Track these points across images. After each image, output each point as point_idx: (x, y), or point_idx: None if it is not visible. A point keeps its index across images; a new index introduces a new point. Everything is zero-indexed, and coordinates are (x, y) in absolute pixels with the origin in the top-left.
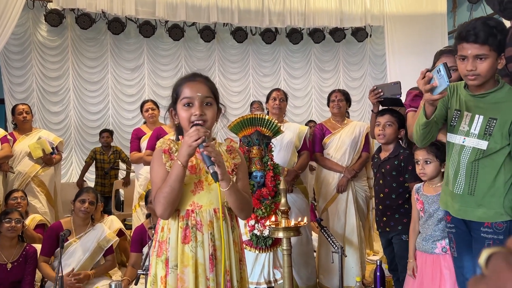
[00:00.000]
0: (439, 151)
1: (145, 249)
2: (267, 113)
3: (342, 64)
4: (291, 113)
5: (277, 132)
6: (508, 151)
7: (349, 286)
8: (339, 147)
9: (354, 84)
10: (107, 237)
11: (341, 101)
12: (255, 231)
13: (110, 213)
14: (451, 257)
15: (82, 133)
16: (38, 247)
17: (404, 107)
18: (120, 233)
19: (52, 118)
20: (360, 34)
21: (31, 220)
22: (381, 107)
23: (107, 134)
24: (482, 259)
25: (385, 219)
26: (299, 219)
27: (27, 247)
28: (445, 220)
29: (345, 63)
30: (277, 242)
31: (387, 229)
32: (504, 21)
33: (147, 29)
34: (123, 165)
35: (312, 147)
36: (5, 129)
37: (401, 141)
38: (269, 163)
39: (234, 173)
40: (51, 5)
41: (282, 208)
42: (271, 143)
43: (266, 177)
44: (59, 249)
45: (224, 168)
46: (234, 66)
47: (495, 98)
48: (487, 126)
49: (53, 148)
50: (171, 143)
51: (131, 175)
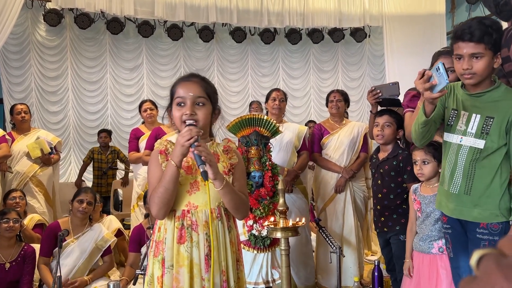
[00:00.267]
0: (436, 151)
1: (143, 249)
2: (266, 113)
3: (341, 64)
4: (290, 113)
5: (275, 132)
6: (505, 152)
7: (347, 286)
8: (338, 147)
9: (353, 84)
10: (104, 237)
11: (339, 102)
12: (253, 231)
13: (108, 213)
14: (447, 257)
15: (80, 132)
16: (37, 246)
17: (403, 108)
18: (118, 233)
19: (50, 117)
20: (358, 34)
21: (30, 220)
22: (379, 108)
23: (105, 134)
24: (473, 260)
25: (383, 219)
26: (299, 219)
27: (26, 247)
28: (441, 221)
29: (344, 63)
30: (275, 242)
31: (385, 229)
32: (502, 22)
33: (146, 29)
34: (121, 165)
35: (311, 147)
36: (4, 129)
37: (399, 142)
38: (267, 163)
39: (230, 173)
40: (50, 5)
41: (280, 208)
42: (269, 143)
43: (264, 177)
44: (57, 249)
45: (216, 168)
46: (233, 66)
47: (491, 97)
48: (484, 125)
49: (51, 148)
50: (167, 144)
51: (130, 175)
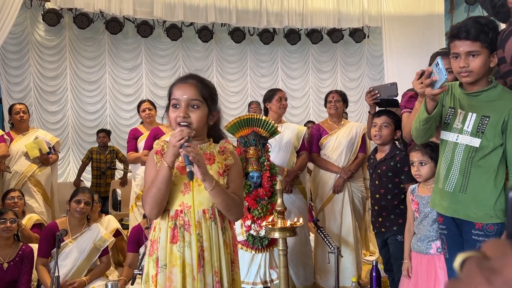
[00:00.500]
0: (433, 152)
1: (141, 249)
2: (266, 112)
3: (339, 65)
4: (288, 114)
5: (273, 132)
6: (502, 152)
7: (345, 286)
8: (336, 147)
9: (352, 84)
10: (103, 237)
11: (338, 102)
12: (252, 232)
13: (107, 213)
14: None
15: (79, 132)
16: (35, 246)
17: (400, 108)
18: (117, 233)
19: (49, 117)
20: (357, 35)
21: (28, 220)
22: (378, 109)
23: (103, 134)
24: (457, 263)
25: (380, 219)
26: (297, 219)
27: (23, 247)
28: (437, 221)
29: (342, 64)
30: (273, 243)
31: (382, 229)
32: (500, 24)
33: (145, 29)
34: (120, 165)
35: (309, 147)
36: (2, 128)
37: (397, 142)
38: (265, 163)
39: (225, 174)
40: (49, 5)
41: (278, 209)
42: (267, 144)
43: (262, 177)
44: (55, 249)
45: (204, 169)
46: (232, 67)
47: (488, 96)
48: (480, 124)
49: (50, 148)
50: (164, 144)
51: (128, 175)
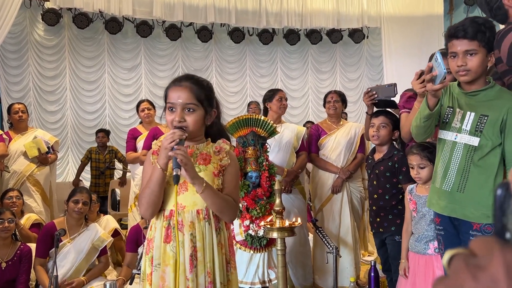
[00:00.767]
0: (431, 154)
1: (140, 249)
2: (266, 112)
3: (339, 65)
4: (288, 114)
5: (272, 132)
6: (501, 152)
7: (343, 286)
8: (335, 148)
9: (351, 85)
10: (101, 237)
11: (337, 102)
12: (250, 231)
13: (106, 212)
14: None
15: (78, 132)
16: (34, 246)
17: (398, 109)
18: (115, 233)
19: (48, 117)
20: (357, 35)
21: (27, 220)
22: (375, 109)
23: (102, 134)
24: (444, 260)
25: (378, 220)
26: (297, 219)
27: (22, 246)
28: (434, 222)
29: (342, 64)
30: (271, 242)
31: (380, 229)
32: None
33: (144, 29)
34: (119, 165)
35: (308, 147)
36: (1, 128)
37: (395, 143)
38: (264, 163)
39: (220, 175)
40: (48, 4)
41: (276, 209)
42: (266, 144)
43: (261, 177)
44: (53, 249)
45: (193, 172)
46: (231, 67)
47: (486, 96)
48: (478, 123)
49: (48, 148)
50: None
51: (127, 175)
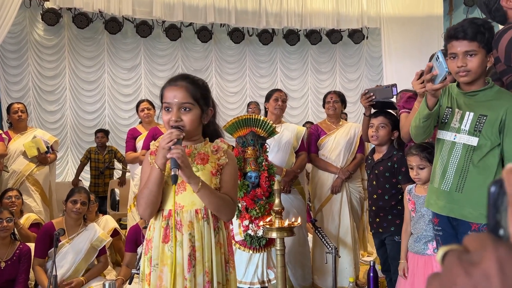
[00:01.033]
0: (430, 155)
1: (139, 249)
2: (265, 113)
3: (338, 66)
4: (287, 114)
5: (272, 132)
6: (500, 153)
7: (342, 286)
8: (334, 148)
9: (351, 85)
10: (100, 237)
11: (336, 103)
12: (249, 231)
13: (105, 212)
14: None
15: (78, 132)
16: (33, 246)
17: (397, 110)
18: (115, 233)
19: (48, 117)
20: (356, 36)
21: (26, 219)
22: (373, 110)
23: (102, 134)
24: (438, 256)
25: (378, 220)
26: (295, 219)
27: (21, 246)
28: (432, 223)
29: (341, 65)
30: (271, 242)
31: (380, 230)
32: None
33: (144, 29)
34: (118, 165)
35: (307, 147)
36: (1, 127)
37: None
38: (263, 163)
39: (218, 174)
40: (48, 4)
41: (276, 209)
42: (266, 144)
43: (260, 177)
44: (52, 249)
45: (189, 172)
46: (231, 67)
47: (485, 96)
48: (477, 123)
49: (48, 147)
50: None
51: (127, 175)
